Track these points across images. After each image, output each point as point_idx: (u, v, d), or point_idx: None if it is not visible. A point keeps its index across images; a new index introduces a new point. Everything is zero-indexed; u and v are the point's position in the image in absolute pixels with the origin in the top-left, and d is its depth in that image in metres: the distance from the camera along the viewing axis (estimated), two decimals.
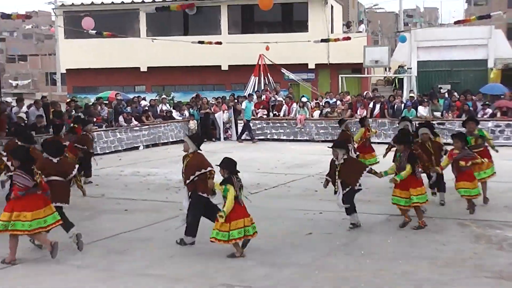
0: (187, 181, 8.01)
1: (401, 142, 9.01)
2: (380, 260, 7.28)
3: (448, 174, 10.21)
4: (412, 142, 9.31)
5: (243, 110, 23.32)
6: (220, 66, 31.96)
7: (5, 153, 11.32)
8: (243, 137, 23.56)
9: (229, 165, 7.65)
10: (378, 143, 17.15)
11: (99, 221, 9.59)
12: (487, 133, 11.10)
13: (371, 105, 22.60)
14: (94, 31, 23.89)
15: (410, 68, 30.94)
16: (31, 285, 6.61)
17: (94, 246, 8.08)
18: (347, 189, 8.76)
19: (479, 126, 11.91)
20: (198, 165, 8.01)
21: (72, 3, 34.91)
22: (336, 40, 28.17)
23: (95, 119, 20.16)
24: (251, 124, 23.53)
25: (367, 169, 9.04)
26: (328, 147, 9.30)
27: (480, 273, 6.72)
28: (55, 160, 8.11)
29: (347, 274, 6.78)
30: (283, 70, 29.34)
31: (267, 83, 28.32)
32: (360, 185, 8.83)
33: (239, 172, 7.70)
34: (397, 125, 15.65)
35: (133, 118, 21.86)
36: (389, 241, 8.18)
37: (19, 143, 9.59)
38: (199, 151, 8.23)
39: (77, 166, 9.04)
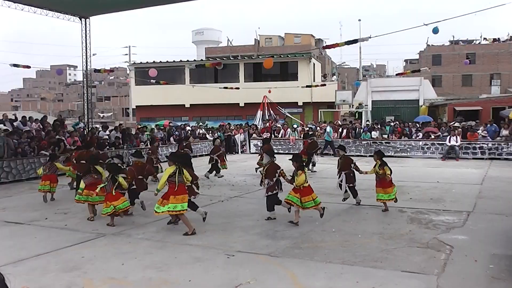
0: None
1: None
2: (345, 235, 7.23)
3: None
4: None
5: (327, 132, 20.30)
6: (238, 103, 32.07)
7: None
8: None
9: (298, 159, 8.07)
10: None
11: None
12: (387, 169, 8.80)
13: (340, 129, 22.53)
14: (154, 80, 24.10)
15: (367, 105, 30.88)
16: (112, 250, 6.61)
17: (152, 225, 8.07)
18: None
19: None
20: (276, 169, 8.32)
21: (141, 62, 35.30)
22: (316, 86, 28.43)
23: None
24: (332, 143, 19.94)
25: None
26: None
27: (413, 244, 6.66)
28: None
29: (323, 244, 6.74)
30: (279, 107, 29.42)
31: (269, 115, 28.40)
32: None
33: (304, 163, 8.08)
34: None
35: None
36: (351, 222, 8.11)
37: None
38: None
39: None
